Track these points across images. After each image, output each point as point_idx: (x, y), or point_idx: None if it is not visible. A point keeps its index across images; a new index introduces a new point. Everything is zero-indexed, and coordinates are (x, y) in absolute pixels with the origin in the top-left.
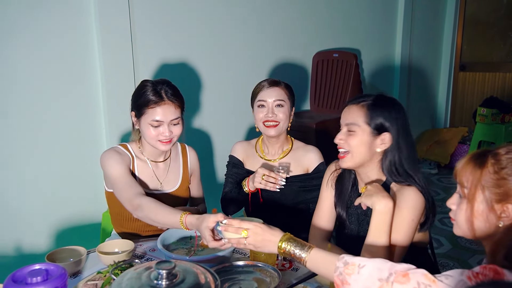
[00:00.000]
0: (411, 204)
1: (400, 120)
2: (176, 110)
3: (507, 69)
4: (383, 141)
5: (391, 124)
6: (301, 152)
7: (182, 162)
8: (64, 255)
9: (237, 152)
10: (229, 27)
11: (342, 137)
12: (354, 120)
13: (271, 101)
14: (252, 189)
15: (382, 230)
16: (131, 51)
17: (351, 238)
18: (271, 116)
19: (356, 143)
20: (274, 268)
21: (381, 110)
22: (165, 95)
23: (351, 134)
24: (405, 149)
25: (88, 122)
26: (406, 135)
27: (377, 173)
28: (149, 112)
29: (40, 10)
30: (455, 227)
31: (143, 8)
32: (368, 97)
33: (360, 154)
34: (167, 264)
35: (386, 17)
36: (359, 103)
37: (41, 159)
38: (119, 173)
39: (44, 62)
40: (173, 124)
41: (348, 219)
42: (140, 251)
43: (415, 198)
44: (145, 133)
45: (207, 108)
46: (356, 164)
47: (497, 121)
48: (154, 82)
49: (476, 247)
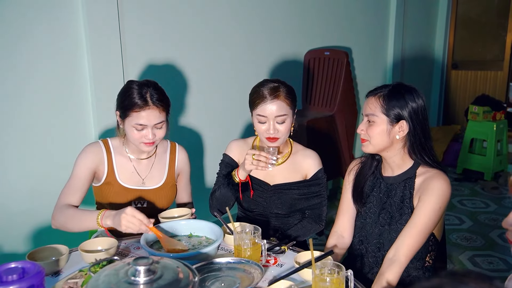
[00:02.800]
0: (440, 191)
1: (416, 107)
2: (160, 114)
3: (499, 67)
4: (401, 128)
5: (407, 112)
6: (300, 157)
7: (169, 160)
8: (46, 253)
9: (233, 152)
10: (221, 25)
11: (363, 128)
12: (372, 111)
13: (272, 117)
14: (242, 178)
15: None
16: (120, 49)
17: (369, 224)
18: (272, 132)
19: (375, 133)
20: (258, 264)
21: (397, 99)
22: (150, 99)
23: (371, 125)
24: (424, 133)
25: (76, 121)
26: (423, 121)
27: (402, 157)
28: (133, 116)
29: (29, 10)
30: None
31: (132, 5)
32: (386, 87)
33: (380, 141)
34: (145, 260)
35: (378, 16)
36: (376, 94)
37: (25, 157)
38: (76, 173)
39: (32, 62)
40: (157, 127)
41: (367, 205)
42: (124, 249)
43: (444, 186)
44: (129, 134)
45: (199, 107)
46: (377, 150)
47: (488, 118)
48: (140, 84)
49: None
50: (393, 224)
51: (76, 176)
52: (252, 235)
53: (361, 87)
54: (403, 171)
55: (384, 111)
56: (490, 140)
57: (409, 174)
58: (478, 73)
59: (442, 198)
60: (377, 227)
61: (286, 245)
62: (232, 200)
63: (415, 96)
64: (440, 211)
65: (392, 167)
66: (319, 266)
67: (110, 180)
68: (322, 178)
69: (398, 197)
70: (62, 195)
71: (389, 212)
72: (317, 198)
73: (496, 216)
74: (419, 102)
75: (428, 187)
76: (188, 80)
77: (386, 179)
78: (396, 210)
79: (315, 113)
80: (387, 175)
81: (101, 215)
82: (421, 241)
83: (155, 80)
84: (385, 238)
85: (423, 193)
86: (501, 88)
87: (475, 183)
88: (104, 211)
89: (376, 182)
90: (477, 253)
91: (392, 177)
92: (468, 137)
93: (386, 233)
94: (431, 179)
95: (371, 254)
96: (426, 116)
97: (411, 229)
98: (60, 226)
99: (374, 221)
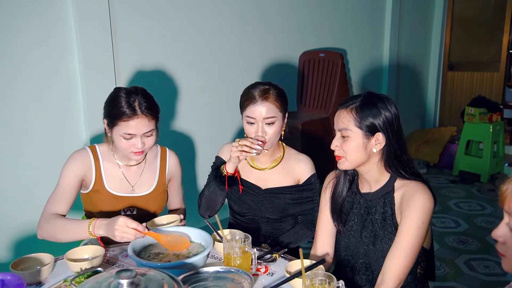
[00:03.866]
0: (422, 206)
1: (390, 116)
2: (150, 122)
3: (495, 68)
4: (377, 141)
5: (382, 123)
6: (293, 162)
7: (160, 165)
8: (31, 263)
9: (225, 154)
10: (215, 28)
11: (337, 143)
12: (345, 125)
13: (260, 119)
14: (230, 171)
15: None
16: (112, 51)
17: (352, 243)
18: (261, 135)
19: (350, 148)
20: (247, 273)
21: (370, 111)
22: (138, 108)
23: (345, 140)
24: (399, 144)
25: (67, 125)
26: (398, 130)
27: (378, 171)
28: (121, 125)
29: (18, 12)
30: (505, 263)
31: (124, 7)
32: (356, 98)
33: (356, 157)
34: (128, 273)
35: (374, 17)
36: (347, 107)
37: (14, 161)
38: (63, 181)
39: (21, 66)
40: (146, 136)
41: (348, 223)
42: (112, 257)
43: (425, 199)
44: (117, 143)
45: (191, 111)
46: (354, 166)
47: (484, 120)
48: (127, 92)
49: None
50: (377, 244)
51: (63, 184)
52: (242, 243)
53: (356, 88)
54: (381, 185)
55: (357, 124)
56: (487, 142)
57: (387, 188)
58: (474, 74)
59: (424, 213)
60: (362, 247)
61: (277, 253)
62: (221, 196)
63: (388, 105)
64: (424, 226)
65: (369, 182)
66: (310, 276)
67: (98, 188)
68: (315, 183)
69: (379, 214)
70: (48, 204)
71: (372, 231)
72: (310, 203)
73: (492, 219)
74: (392, 110)
75: (409, 203)
76: (182, 83)
77: (364, 195)
78: (379, 228)
79: (310, 115)
80: (365, 191)
81: (93, 225)
82: (409, 262)
83: (148, 83)
84: (371, 258)
85: (405, 210)
86: (498, 89)
87: (471, 185)
88: (94, 220)
89: (355, 198)
90: (473, 257)
91: (371, 193)
92: (464, 139)
93: (371, 253)
94: (412, 194)
95: (361, 272)
96: (400, 125)
97: (397, 250)
98: (48, 236)
99: (357, 241)
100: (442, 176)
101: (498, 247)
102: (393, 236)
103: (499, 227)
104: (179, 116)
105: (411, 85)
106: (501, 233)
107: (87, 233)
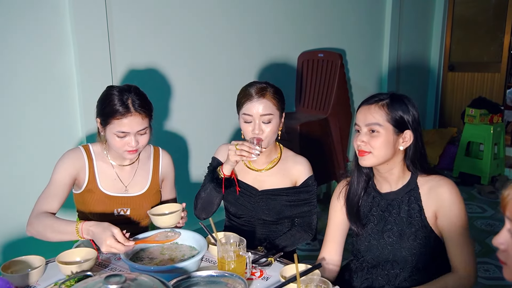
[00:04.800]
0: (458, 198)
1: (417, 115)
2: (143, 120)
3: (496, 69)
4: (405, 139)
5: (412, 120)
6: (290, 163)
7: (153, 165)
8: (22, 265)
9: (221, 155)
10: (213, 28)
11: (364, 139)
12: (376, 119)
13: (257, 116)
14: (227, 173)
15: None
16: (108, 50)
17: (374, 246)
18: (257, 133)
19: (380, 144)
20: (241, 277)
21: (401, 108)
22: (132, 106)
23: (374, 135)
24: (422, 143)
25: (63, 124)
26: (420, 130)
27: (401, 169)
28: (115, 123)
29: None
30: (506, 272)
31: (121, 7)
32: (383, 95)
33: (384, 153)
34: (117, 278)
35: (374, 17)
36: (377, 102)
37: (9, 159)
38: (56, 179)
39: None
40: (140, 134)
41: (367, 226)
42: (105, 260)
43: (456, 190)
44: (111, 142)
45: (188, 111)
46: (380, 162)
47: (485, 121)
48: (120, 90)
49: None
50: (404, 242)
51: (55, 182)
52: (237, 247)
53: (355, 89)
54: (403, 183)
55: (390, 120)
56: (487, 143)
57: (411, 186)
58: (475, 75)
59: (462, 201)
60: (386, 247)
61: (273, 257)
62: (217, 198)
63: (414, 105)
64: (467, 217)
65: (389, 181)
66: (305, 282)
67: (92, 188)
68: (312, 185)
69: (404, 211)
70: (39, 200)
71: (396, 229)
72: (307, 205)
73: (493, 222)
74: (417, 111)
75: (444, 200)
76: (179, 83)
77: (385, 195)
78: (406, 225)
79: (309, 115)
80: (385, 191)
81: (80, 229)
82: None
83: (144, 83)
84: (397, 256)
85: (441, 207)
86: (499, 90)
87: (471, 187)
88: (81, 224)
89: (374, 200)
90: None
91: (393, 192)
92: (465, 140)
93: (398, 252)
94: (442, 190)
95: (382, 272)
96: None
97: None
98: (37, 234)
99: (380, 242)
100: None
101: (500, 255)
102: (421, 233)
103: (500, 234)
104: (175, 116)
105: (411, 86)
106: (503, 240)
107: (76, 236)
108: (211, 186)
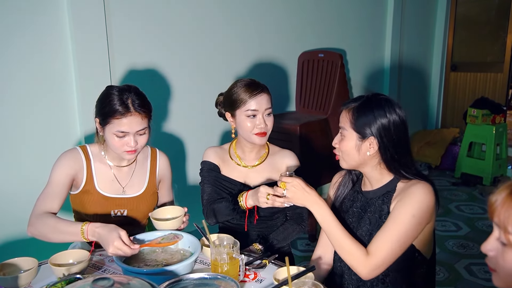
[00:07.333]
0: (416, 198)
1: (386, 122)
2: (143, 120)
3: (499, 69)
4: (371, 145)
5: (376, 128)
6: (277, 158)
7: (150, 166)
8: (15, 267)
9: (211, 157)
10: (213, 28)
11: (337, 141)
12: (343, 124)
13: (262, 110)
14: (249, 206)
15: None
16: (107, 50)
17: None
18: (263, 126)
19: (346, 147)
20: (235, 280)
21: (366, 115)
22: (131, 105)
23: (342, 139)
24: (395, 150)
25: (61, 124)
26: (397, 135)
27: (380, 172)
28: (114, 123)
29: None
30: (495, 279)
31: (119, 7)
32: (358, 100)
33: (351, 157)
34: (105, 282)
35: (375, 17)
36: (347, 107)
37: (8, 160)
38: (55, 179)
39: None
40: (139, 134)
41: (347, 220)
42: (98, 261)
43: (421, 193)
44: (110, 142)
45: (187, 112)
46: (351, 166)
47: (487, 122)
48: (120, 90)
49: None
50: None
51: (54, 182)
52: (230, 249)
53: (356, 89)
54: (382, 184)
55: (352, 126)
56: (489, 144)
57: (389, 187)
58: (477, 75)
59: (417, 205)
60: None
61: (267, 259)
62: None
63: (387, 111)
64: (415, 220)
65: (371, 182)
66: (297, 285)
67: (89, 188)
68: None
69: (377, 212)
70: (39, 201)
71: (368, 229)
72: None
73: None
74: (391, 117)
75: (404, 194)
76: (178, 85)
77: (365, 193)
78: (375, 227)
79: (309, 116)
80: (366, 190)
81: (85, 231)
82: (394, 248)
83: (143, 84)
84: None
85: (399, 201)
86: (501, 90)
87: (473, 188)
88: (87, 225)
89: (356, 196)
90: (473, 262)
91: (372, 191)
92: (467, 141)
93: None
94: (407, 188)
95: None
96: (401, 129)
97: (382, 232)
98: (39, 235)
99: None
100: (444, 178)
101: (488, 262)
102: None
103: (488, 240)
104: (173, 117)
105: (413, 86)
106: (491, 247)
107: (81, 237)
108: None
